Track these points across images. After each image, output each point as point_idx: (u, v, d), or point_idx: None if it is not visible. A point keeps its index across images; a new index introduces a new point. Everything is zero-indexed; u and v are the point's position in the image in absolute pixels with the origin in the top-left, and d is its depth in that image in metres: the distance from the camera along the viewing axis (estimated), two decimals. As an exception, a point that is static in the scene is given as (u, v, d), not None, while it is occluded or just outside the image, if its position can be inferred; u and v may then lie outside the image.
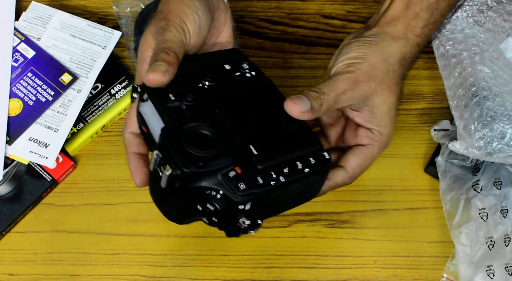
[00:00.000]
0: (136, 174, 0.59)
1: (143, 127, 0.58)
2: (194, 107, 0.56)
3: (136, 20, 0.78)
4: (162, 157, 0.52)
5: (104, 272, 0.70)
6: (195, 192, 0.53)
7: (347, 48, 0.62)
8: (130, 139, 0.60)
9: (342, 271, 0.70)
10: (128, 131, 0.60)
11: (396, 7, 0.63)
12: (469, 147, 0.64)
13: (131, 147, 0.60)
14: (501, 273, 0.66)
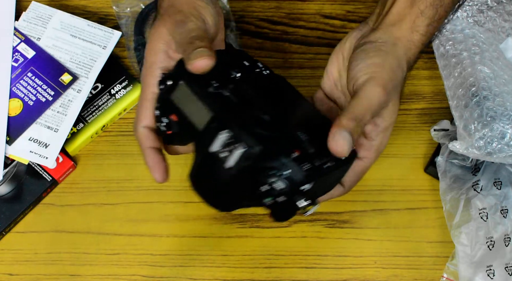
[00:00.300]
0: (156, 169, 0.59)
1: (173, 116, 0.57)
2: (236, 94, 0.56)
3: (136, 20, 0.78)
4: (233, 136, 0.53)
5: (104, 272, 0.70)
6: (262, 171, 0.53)
7: (362, 53, 0.60)
8: (146, 133, 0.59)
9: (342, 271, 0.70)
10: (142, 126, 0.59)
11: (400, 4, 0.62)
12: (469, 147, 0.64)
13: (147, 141, 0.59)
14: (501, 273, 0.66)
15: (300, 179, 0.53)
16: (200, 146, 0.56)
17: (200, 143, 0.56)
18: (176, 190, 0.73)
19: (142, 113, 0.59)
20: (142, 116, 0.59)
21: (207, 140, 0.54)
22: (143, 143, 0.59)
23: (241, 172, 0.53)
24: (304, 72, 0.77)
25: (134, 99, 0.75)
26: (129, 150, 0.74)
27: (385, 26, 0.61)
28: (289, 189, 0.53)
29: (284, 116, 0.57)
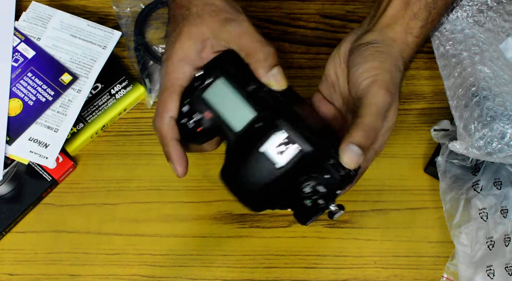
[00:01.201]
0: (180, 162, 0.58)
1: (207, 113, 0.58)
2: (269, 97, 0.57)
3: (136, 20, 0.78)
4: (288, 137, 0.54)
5: (104, 272, 0.70)
6: (308, 173, 0.55)
7: (360, 57, 0.60)
8: (172, 124, 0.59)
9: (342, 271, 0.70)
10: (170, 116, 0.58)
11: (394, 6, 0.62)
12: (469, 147, 0.64)
13: (173, 132, 0.59)
14: (501, 273, 0.66)
15: (337, 184, 0.55)
16: (242, 145, 0.56)
17: (242, 142, 0.56)
18: (176, 190, 0.73)
19: (170, 104, 0.58)
20: (169, 106, 0.58)
21: (254, 139, 0.55)
22: (169, 134, 0.58)
23: (290, 172, 0.55)
24: (304, 72, 0.77)
25: (134, 99, 0.75)
26: (129, 150, 0.74)
27: (380, 28, 0.62)
28: (327, 193, 0.55)
29: (319, 122, 0.59)
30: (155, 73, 0.76)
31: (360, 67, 0.59)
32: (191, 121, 0.58)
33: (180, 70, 0.59)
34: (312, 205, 0.56)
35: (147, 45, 0.77)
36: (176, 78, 0.59)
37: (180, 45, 0.59)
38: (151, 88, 0.75)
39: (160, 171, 0.73)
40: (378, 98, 0.57)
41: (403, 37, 0.62)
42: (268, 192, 0.57)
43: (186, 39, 0.59)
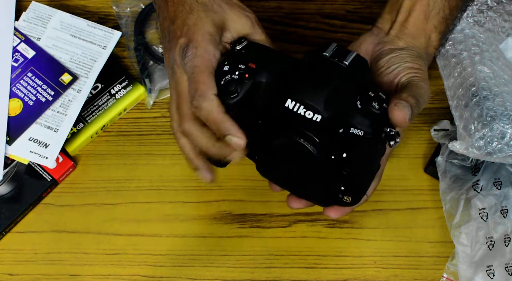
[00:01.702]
0: (240, 131, 0.56)
1: (250, 63, 0.57)
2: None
3: (136, 20, 0.78)
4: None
5: (104, 272, 0.70)
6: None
7: (398, 58, 0.61)
8: (218, 101, 0.56)
9: (342, 271, 0.70)
10: (213, 93, 0.56)
11: (416, 16, 0.63)
12: (469, 147, 0.64)
13: (223, 108, 0.56)
14: (501, 273, 0.66)
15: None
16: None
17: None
18: (176, 190, 0.73)
19: (211, 82, 0.56)
20: (211, 85, 0.56)
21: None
22: (220, 109, 0.56)
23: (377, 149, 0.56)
24: (304, 72, 0.77)
25: (134, 99, 0.75)
26: (129, 150, 0.74)
27: (406, 37, 0.63)
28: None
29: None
30: (155, 73, 0.76)
31: (401, 66, 0.60)
32: (237, 73, 0.57)
33: (211, 53, 0.58)
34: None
35: (147, 45, 0.77)
36: (208, 60, 0.57)
37: (204, 29, 0.58)
38: (151, 88, 0.75)
39: (160, 171, 0.73)
40: (423, 86, 0.59)
41: (426, 49, 0.64)
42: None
43: (209, 23, 0.58)
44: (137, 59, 0.76)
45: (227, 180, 0.73)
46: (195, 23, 0.58)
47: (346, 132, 0.54)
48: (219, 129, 0.56)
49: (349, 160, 0.55)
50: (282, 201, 0.70)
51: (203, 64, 0.57)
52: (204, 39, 0.58)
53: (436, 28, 0.64)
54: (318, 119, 0.54)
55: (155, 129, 0.75)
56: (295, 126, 0.55)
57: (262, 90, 0.57)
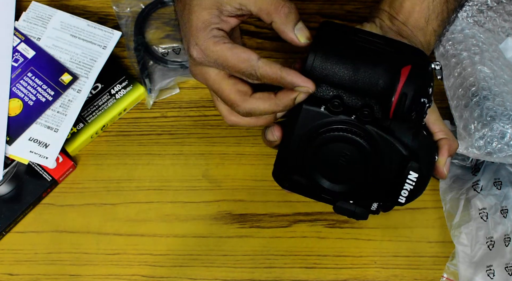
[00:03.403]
0: (304, 78, 0.55)
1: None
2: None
3: (136, 20, 0.78)
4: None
5: (104, 272, 0.70)
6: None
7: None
8: (266, 60, 0.55)
9: (342, 271, 0.70)
10: (257, 58, 0.55)
11: (416, 19, 0.63)
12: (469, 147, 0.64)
13: (275, 64, 0.55)
14: (501, 273, 0.66)
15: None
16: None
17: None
18: (176, 190, 0.73)
19: (246, 54, 0.55)
20: (248, 54, 0.55)
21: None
22: (273, 67, 0.55)
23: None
24: (304, 72, 0.77)
25: (134, 99, 0.75)
26: (129, 150, 0.74)
27: (410, 34, 0.63)
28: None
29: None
30: (155, 73, 0.76)
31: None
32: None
33: (213, 35, 0.56)
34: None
35: (147, 45, 0.77)
36: (218, 39, 0.56)
37: (197, 18, 0.57)
38: (151, 88, 0.75)
39: (160, 171, 0.73)
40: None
41: (424, 49, 0.63)
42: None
43: (200, 11, 0.57)
44: (137, 59, 0.76)
45: (227, 180, 0.73)
46: (189, 19, 0.58)
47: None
48: (285, 84, 0.55)
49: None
50: (282, 201, 0.71)
51: (219, 45, 0.56)
52: (199, 30, 0.57)
53: (435, 31, 0.64)
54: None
55: (155, 129, 0.75)
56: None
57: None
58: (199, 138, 0.75)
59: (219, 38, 0.56)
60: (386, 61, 0.54)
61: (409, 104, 0.53)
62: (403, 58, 0.54)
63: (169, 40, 0.78)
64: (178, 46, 0.78)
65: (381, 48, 0.55)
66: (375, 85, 0.54)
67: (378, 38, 0.56)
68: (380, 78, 0.54)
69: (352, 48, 0.55)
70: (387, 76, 0.53)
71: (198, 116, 0.75)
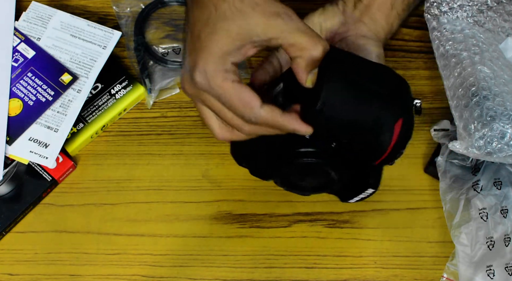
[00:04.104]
0: (300, 122, 0.56)
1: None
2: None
3: (136, 20, 0.78)
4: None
5: (104, 272, 0.70)
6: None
7: (362, 48, 0.64)
8: (269, 108, 0.55)
9: (342, 271, 0.70)
10: (260, 106, 0.55)
11: (381, 2, 0.64)
12: (469, 147, 0.64)
13: (277, 112, 0.55)
14: (501, 273, 0.66)
15: None
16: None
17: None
18: (176, 190, 0.73)
19: (249, 99, 0.54)
20: (251, 100, 0.54)
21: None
22: (274, 115, 0.55)
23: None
24: (304, 72, 0.77)
25: (134, 99, 0.75)
26: (129, 150, 0.74)
27: (370, 21, 0.64)
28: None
29: None
30: (155, 73, 0.76)
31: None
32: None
33: (222, 69, 0.54)
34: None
35: (147, 45, 0.77)
36: (224, 76, 0.55)
37: (217, 43, 0.54)
38: (151, 88, 0.75)
39: (160, 171, 0.73)
40: None
41: (386, 34, 0.65)
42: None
43: (224, 37, 0.54)
44: (137, 59, 0.76)
45: (227, 180, 0.73)
46: (206, 37, 0.55)
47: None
48: (283, 130, 0.56)
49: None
50: (282, 201, 0.71)
51: (227, 83, 0.54)
52: (213, 57, 0.54)
53: (399, 15, 0.65)
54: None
55: (155, 129, 0.75)
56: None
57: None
58: (199, 138, 0.75)
59: (230, 74, 0.54)
60: (383, 115, 0.56)
61: (393, 156, 0.58)
62: (396, 108, 0.56)
63: (169, 40, 0.78)
64: (178, 46, 0.78)
65: (375, 91, 0.56)
66: (370, 140, 0.57)
67: (370, 71, 0.57)
68: (376, 136, 0.56)
69: (354, 100, 0.55)
70: (382, 134, 0.56)
71: (198, 116, 0.75)
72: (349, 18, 0.63)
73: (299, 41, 0.54)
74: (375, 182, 0.61)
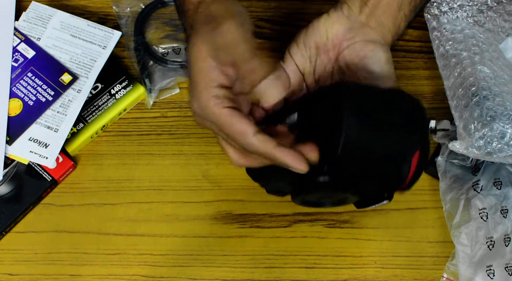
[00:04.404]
0: (300, 159, 0.55)
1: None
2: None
3: (136, 20, 0.78)
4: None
5: (104, 272, 0.70)
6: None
7: (371, 54, 0.64)
8: (261, 137, 0.55)
9: (342, 271, 0.70)
10: (253, 134, 0.54)
11: (387, 4, 0.63)
12: (469, 147, 0.64)
13: (269, 143, 0.55)
14: (501, 273, 0.66)
15: None
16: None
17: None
18: (176, 190, 0.73)
19: (242, 126, 0.54)
20: (244, 127, 0.54)
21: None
22: (267, 146, 0.54)
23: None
24: (304, 72, 0.77)
25: (134, 99, 0.75)
26: (129, 150, 0.74)
27: (376, 24, 0.63)
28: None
29: None
30: (155, 73, 0.76)
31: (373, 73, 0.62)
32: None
33: (214, 95, 0.55)
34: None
35: (147, 45, 0.77)
36: (216, 103, 0.55)
37: (198, 68, 0.55)
38: (151, 88, 0.75)
39: (160, 171, 0.73)
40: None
41: (393, 36, 0.64)
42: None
43: (201, 60, 0.55)
44: (137, 59, 0.76)
45: (227, 180, 0.73)
46: (191, 64, 0.55)
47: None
48: (276, 162, 0.55)
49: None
50: (282, 201, 0.71)
51: (219, 109, 0.55)
52: (200, 84, 0.55)
53: (406, 16, 0.64)
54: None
55: (155, 129, 0.75)
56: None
57: None
58: (199, 138, 0.75)
59: (220, 100, 0.55)
60: (402, 151, 0.57)
61: (411, 184, 0.59)
62: (414, 139, 0.57)
63: (169, 40, 0.78)
64: (178, 46, 0.78)
65: (393, 124, 0.56)
66: (389, 174, 0.58)
67: (387, 102, 0.57)
68: (395, 170, 0.58)
69: (374, 141, 0.56)
70: (401, 168, 0.58)
71: (198, 116, 0.75)
72: (355, 23, 0.63)
73: (236, 59, 0.55)
74: (390, 195, 0.61)
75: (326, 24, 0.63)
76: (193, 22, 0.57)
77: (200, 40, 0.55)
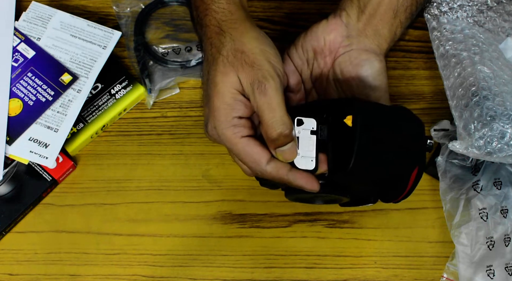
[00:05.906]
0: (313, 181, 0.59)
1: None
2: None
3: (136, 20, 0.78)
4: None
5: (104, 272, 0.70)
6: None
7: (367, 62, 0.66)
8: (275, 164, 0.59)
9: (342, 271, 0.70)
10: (266, 161, 0.59)
11: (384, 12, 0.65)
12: (469, 147, 0.64)
13: (284, 169, 0.59)
14: (501, 273, 0.66)
15: None
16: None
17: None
18: (176, 190, 0.73)
19: (256, 156, 0.59)
20: (258, 157, 0.59)
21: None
22: (280, 172, 0.59)
23: None
24: (304, 72, 0.77)
25: (134, 99, 0.75)
26: (129, 150, 0.74)
27: (372, 33, 0.65)
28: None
29: None
30: (155, 73, 0.76)
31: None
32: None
33: (233, 124, 0.59)
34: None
35: (147, 45, 0.77)
36: (234, 132, 0.59)
37: (219, 99, 0.59)
38: (151, 88, 0.75)
39: (160, 171, 0.73)
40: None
41: (389, 43, 0.66)
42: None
43: (223, 93, 0.59)
44: (137, 59, 0.76)
45: (227, 180, 0.73)
46: (210, 92, 0.59)
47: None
48: (290, 185, 0.59)
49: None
50: (282, 201, 0.71)
51: (236, 139, 0.59)
52: (220, 114, 0.59)
53: (401, 23, 0.66)
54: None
55: (155, 129, 0.75)
56: None
57: None
58: (199, 138, 0.75)
59: (239, 130, 0.59)
60: (403, 169, 0.60)
61: (404, 198, 0.62)
62: (414, 157, 0.60)
63: (169, 40, 0.78)
64: (178, 46, 0.78)
65: (397, 144, 0.59)
66: (387, 188, 0.62)
67: (391, 120, 0.60)
68: (393, 185, 0.61)
69: (380, 160, 0.58)
70: (399, 184, 0.61)
71: (198, 116, 0.75)
72: (353, 31, 0.64)
73: (264, 119, 0.57)
74: (375, 199, 0.64)
75: (324, 31, 0.65)
76: (221, 45, 0.60)
77: (231, 69, 0.58)
